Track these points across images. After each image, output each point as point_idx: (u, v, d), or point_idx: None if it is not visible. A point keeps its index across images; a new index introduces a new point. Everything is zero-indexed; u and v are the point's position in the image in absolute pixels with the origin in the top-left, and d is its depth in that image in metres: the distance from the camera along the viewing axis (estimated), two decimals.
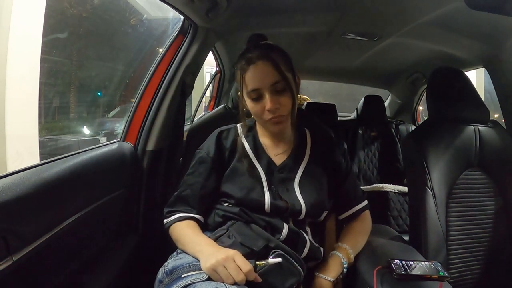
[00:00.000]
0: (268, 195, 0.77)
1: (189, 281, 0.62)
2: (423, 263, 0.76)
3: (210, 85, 1.88)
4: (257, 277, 0.63)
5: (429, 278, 0.72)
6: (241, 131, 0.86)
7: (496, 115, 1.87)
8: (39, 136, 2.39)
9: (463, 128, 1.02)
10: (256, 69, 0.74)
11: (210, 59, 1.57)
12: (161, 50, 1.13)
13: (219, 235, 0.76)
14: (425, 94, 1.33)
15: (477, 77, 3.22)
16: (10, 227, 0.58)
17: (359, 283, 0.79)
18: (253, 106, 0.76)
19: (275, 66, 0.74)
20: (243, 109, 0.82)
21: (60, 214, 0.70)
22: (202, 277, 0.63)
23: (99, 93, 5.26)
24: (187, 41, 1.10)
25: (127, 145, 1.02)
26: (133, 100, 1.11)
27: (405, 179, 1.56)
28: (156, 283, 0.70)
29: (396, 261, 0.76)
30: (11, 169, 0.64)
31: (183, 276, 0.65)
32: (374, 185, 1.74)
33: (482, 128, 1.03)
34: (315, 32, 1.36)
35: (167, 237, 0.81)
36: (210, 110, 1.84)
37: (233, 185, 0.79)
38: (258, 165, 0.81)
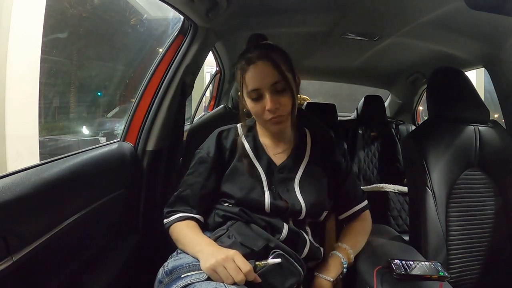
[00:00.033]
0: (268, 195, 0.77)
1: (189, 281, 0.62)
2: (423, 263, 0.77)
3: (210, 85, 1.88)
4: (256, 277, 0.63)
5: (429, 278, 0.73)
6: (241, 131, 0.86)
7: (496, 115, 1.87)
8: (40, 136, 2.39)
9: (463, 128, 1.02)
10: (256, 69, 0.74)
11: (210, 59, 1.57)
12: (161, 50, 1.13)
13: (219, 235, 0.76)
14: (425, 94, 1.33)
15: (477, 77, 3.21)
16: (10, 227, 0.58)
17: (359, 283, 0.79)
18: (253, 106, 0.76)
19: (275, 66, 0.74)
20: (243, 109, 0.82)
21: (60, 214, 0.70)
22: (202, 277, 0.63)
23: (99, 93, 5.26)
24: (187, 41, 1.10)
25: (127, 145, 1.02)
26: (133, 100, 1.11)
27: (405, 179, 1.56)
28: (156, 283, 0.70)
29: (396, 261, 0.76)
30: (11, 169, 0.64)
31: (182, 276, 0.65)
32: (374, 185, 1.74)
33: (482, 128, 1.03)
34: (315, 32, 1.36)
35: (167, 237, 0.81)
36: (210, 110, 1.84)
37: (233, 185, 0.79)
38: (258, 165, 0.81)
